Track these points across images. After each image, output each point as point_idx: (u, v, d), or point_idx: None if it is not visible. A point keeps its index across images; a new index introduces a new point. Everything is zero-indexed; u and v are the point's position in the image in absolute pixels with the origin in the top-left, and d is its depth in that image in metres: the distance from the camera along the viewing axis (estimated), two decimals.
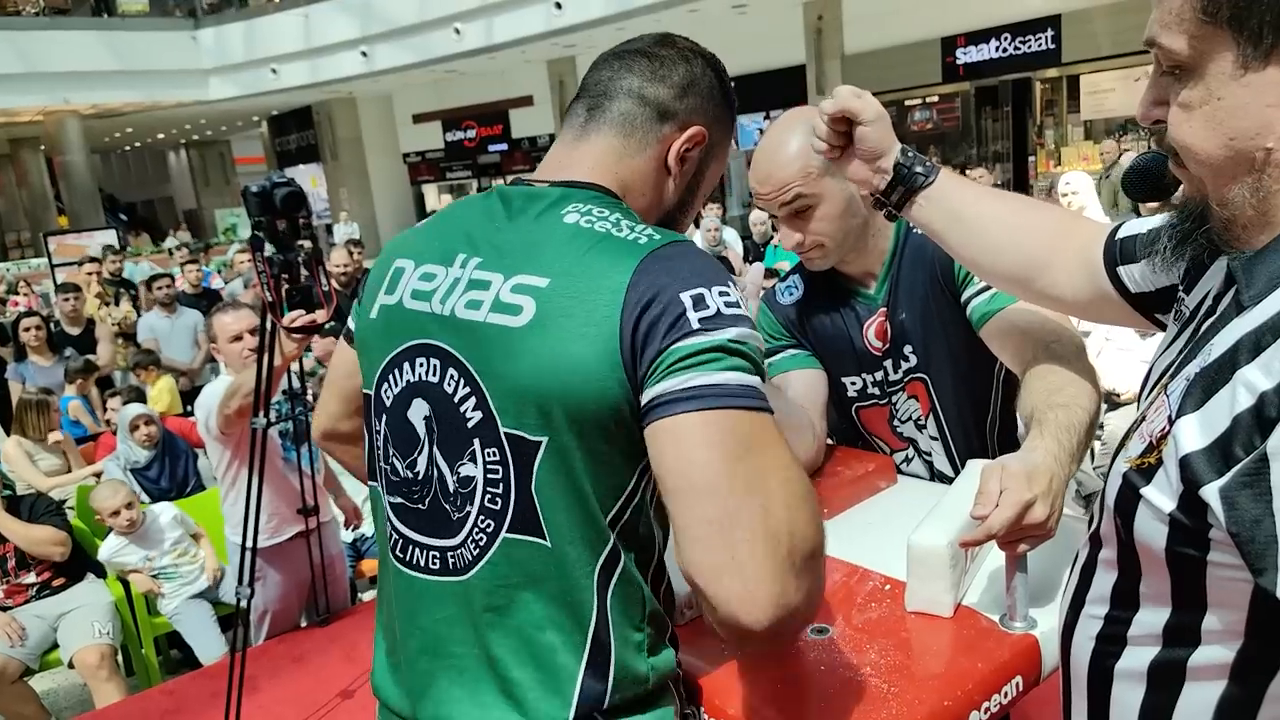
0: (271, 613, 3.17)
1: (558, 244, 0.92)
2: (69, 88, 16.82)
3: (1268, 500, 0.64)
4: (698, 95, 1.04)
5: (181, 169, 31.37)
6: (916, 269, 1.57)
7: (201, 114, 21.50)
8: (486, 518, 0.94)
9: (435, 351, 0.97)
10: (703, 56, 1.07)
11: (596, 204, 0.96)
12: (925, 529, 1.15)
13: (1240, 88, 0.70)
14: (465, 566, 0.96)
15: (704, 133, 1.05)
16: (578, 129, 1.04)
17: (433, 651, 1.00)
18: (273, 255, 2.60)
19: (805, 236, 1.52)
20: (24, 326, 5.83)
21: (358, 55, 16.62)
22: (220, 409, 2.88)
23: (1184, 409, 0.71)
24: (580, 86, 1.07)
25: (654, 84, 1.02)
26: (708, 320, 0.85)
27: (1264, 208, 0.72)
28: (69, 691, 3.73)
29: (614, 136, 1.02)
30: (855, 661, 1.06)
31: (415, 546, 1.01)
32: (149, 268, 11.38)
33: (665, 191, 1.06)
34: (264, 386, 2.61)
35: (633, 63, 1.04)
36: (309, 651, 3.10)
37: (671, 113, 1.03)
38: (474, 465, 0.94)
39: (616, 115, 1.02)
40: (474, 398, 0.93)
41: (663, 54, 1.04)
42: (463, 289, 0.95)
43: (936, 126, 14.64)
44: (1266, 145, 0.70)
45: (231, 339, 3.09)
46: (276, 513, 3.06)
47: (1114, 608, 0.81)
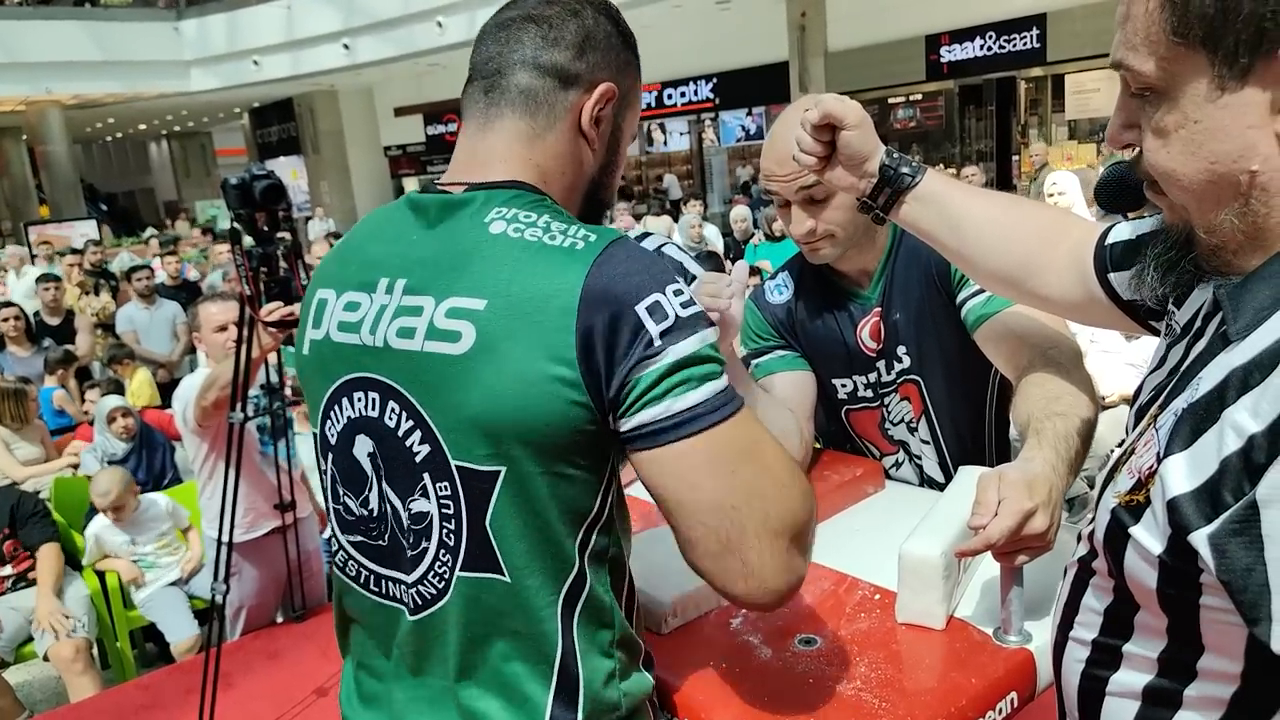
0: (247, 608, 3.13)
1: (488, 259, 0.86)
2: (51, 78, 16.67)
3: (1259, 549, 0.62)
4: (597, 49, 0.97)
5: (163, 160, 31.08)
6: (911, 268, 1.54)
7: (183, 105, 21.31)
8: (445, 553, 0.90)
9: (372, 385, 0.91)
10: (591, 4, 0.99)
11: (520, 206, 0.90)
12: (917, 538, 1.12)
13: (1218, 110, 0.67)
14: (431, 599, 0.92)
15: (613, 87, 0.98)
16: (480, 116, 0.96)
17: (403, 682, 0.97)
18: (251, 248, 2.56)
19: (818, 224, 1.48)
20: (2, 317, 5.79)
21: (339, 48, 16.48)
22: (197, 401, 2.84)
23: (1172, 447, 0.69)
24: (470, 66, 0.99)
25: (548, 49, 0.95)
26: (668, 332, 0.82)
27: (1253, 231, 0.69)
28: (43, 684, 3.69)
29: (519, 118, 0.95)
30: (845, 675, 1.04)
31: (384, 580, 0.97)
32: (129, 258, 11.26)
33: (586, 161, 0.99)
34: (243, 379, 2.56)
35: (521, 31, 0.95)
36: (285, 647, 3.06)
37: (575, 75, 0.95)
38: (427, 500, 0.89)
39: (516, 93, 0.95)
40: (419, 431, 0.88)
41: (549, 13, 0.96)
42: (391, 316, 0.90)
43: (920, 125, 14.68)
44: (1250, 168, 0.67)
45: (216, 329, 3.06)
46: (253, 507, 3.01)
47: (1107, 631, 0.79)
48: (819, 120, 1.16)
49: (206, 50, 18.10)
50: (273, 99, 21.11)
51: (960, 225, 1.16)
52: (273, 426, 2.96)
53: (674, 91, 16.77)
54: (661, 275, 0.84)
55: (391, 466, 0.91)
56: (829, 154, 1.19)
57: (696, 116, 17.01)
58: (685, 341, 0.82)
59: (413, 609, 0.94)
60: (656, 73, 16.69)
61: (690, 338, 0.83)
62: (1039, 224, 1.15)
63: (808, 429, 1.56)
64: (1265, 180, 0.67)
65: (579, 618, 0.90)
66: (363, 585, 0.99)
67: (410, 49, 15.65)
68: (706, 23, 14.93)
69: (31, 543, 3.47)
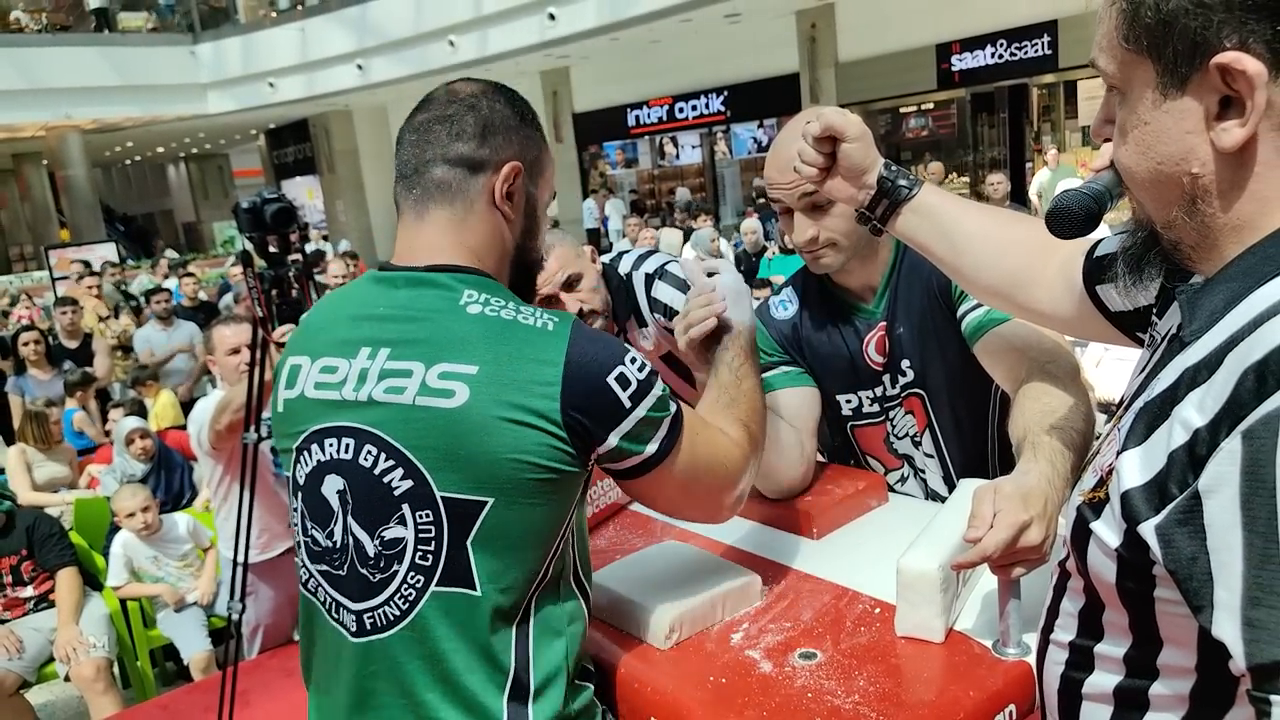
0: (264, 627, 3.16)
1: (474, 335, 1.02)
2: (71, 103, 16.91)
3: (1202, 538, 0.63)
4: (495, 133, 1.11)
5: (181, 182, 31.42)
6: (914, 283, 1.54)
7: (200, 128, 21.55)
8: (416, 574, 1.02)
9: (346, 432, 1.05)
10: (486, 94, 1.13)
11: (484, 290, 1.06)
12: (915, 552, 1.12)
13: (1162, 114, 0.70)
14: (391, 623, 1.04)
15: (516, 165, 1.12)
16: (411, 211, 1.12)
17: (363, 705, 1.07)
18: (263, 270, 2.59)
19: (820, 232, 1.49)
20: (23, 341, 5.96)
21: (353, 68, 16.65)
22: (211, 424, 2.87)
23: (1128, 444, 0.71)
24: (395, 167, 1.14)
25: (453, 143, 1.10)
26: (634, 395, 1.03)
27: (1204, 233, 0.72)
28: (65, 704, 3.72)
29: (443, 208, 1.10)
30: (844, 688, 1.04)
31: (342, 608, 1.08)
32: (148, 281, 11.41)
33: (507, 234, 1.14)
34: (255, 401, 2.59)
35: (429, 132, 1.11)
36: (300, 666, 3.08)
37: (479, 162, 1.10)
38: (403, 528, 1.02)
39: (434, 187, 1.10)
40: (401, 468, 1.02)
41: (450, 112, 1.10)
42: (377, 378, 1.04)
43: (932, 134, 14.67)
44: (1191, 170, 0.70)
45: (229, 352, 3.07)
46: (267, 529, 3.04)
47: (1080, 634, 0.81)
48: (820, 133, 1.19)
49: (223, 73, 18.33)
50: (288, 120, 21.34)
51: (954, 238, 1.18)
52: None
53: (685, 105, 16.83)
54: (619, 349, 1.05)
55: (362, 502, 1.05)
56: (829, 165, 1.22)
57: (708, 129, 17.05)
58: (645, 400, 1.04)
59: (371, 632, 1.05)
60: (668, 86, 16.76)
61: (648, 396, 1.05)
62: (1032, 238, 1.16)
63: (810, 445, 1.57)
64: (1206, 183, 0.70)
65: (534, 628, 1.04)
66: (326, 610, 1.11)
67: (423, 68, 15.78)
68: (717, 36, 14.99)
69: (49, 564, 3.51)
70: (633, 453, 1.05)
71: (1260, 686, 0.60)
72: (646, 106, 17.34)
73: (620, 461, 1.06)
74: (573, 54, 15.50)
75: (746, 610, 1.24)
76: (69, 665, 3.27)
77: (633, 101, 17.37)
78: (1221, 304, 0.69)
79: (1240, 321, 0.65)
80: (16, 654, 3.26)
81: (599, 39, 14.02)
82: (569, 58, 16.03)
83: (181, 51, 18.42)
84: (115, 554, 3.56)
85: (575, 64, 16.83)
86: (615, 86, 17.14)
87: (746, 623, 1.21)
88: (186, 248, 21.49)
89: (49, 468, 4.75)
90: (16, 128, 17.55)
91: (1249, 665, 0.61)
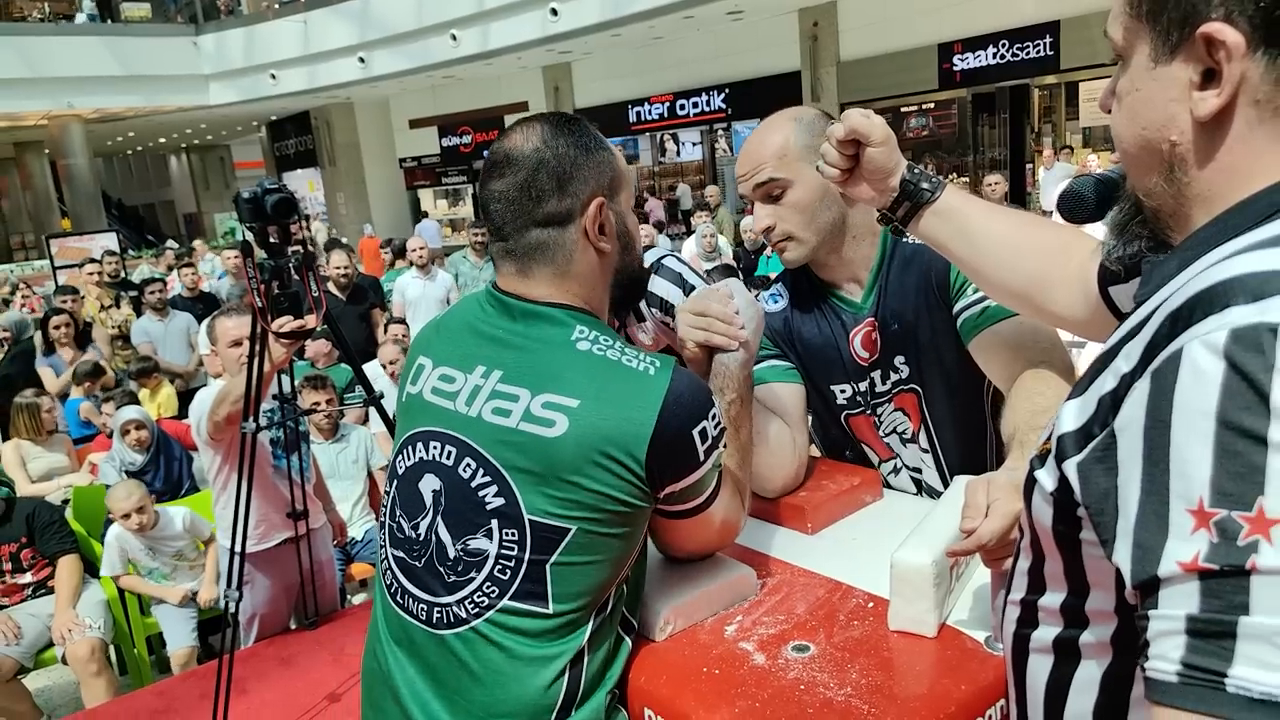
0: (260, 616, 3.17)
1: (579, 371, 1.08)
2: (72, 92, 16.91)
3: (1114, 474, 0.65)
4: (570, 179, 1.14)
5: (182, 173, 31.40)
6: (907, 277, 1.54)
7: (202, 119, 21.55)
8: (493, 585, 1.08)
9: (451, 440, 1.12)
10: (547, 142, 1.14)
11: (594, 329, 1.13)
12: (909, 547, 1.13)
13: (1152, 80, 0.72)
14: (457, 623, 1.10)
15: (601, 199, 1.15)
16: (513, 268, 1.17)
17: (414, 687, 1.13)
18: (263, 261, 2.59)
19: (775, 222, 1.53)
20: (53, 324, 6.27)
21: (355, 61, 16.65)
22: (210, 415, 2.88)
23: (1071, 395, 0.74)
24: (489, 229, 1.19)
25: (537, 206, 1.13)
26: (708, 449, 1.11)
27: (1179, 201, 0.74)
28: (62, 690, 3.74)
29: (546, 266, 1.15)
30: (835, 681, 1.05)
31: (409, 595, 1.15)
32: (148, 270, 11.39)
33: (608, 264, 1.19)
34: (254, 391, 2.60)
35: (510, 202, 1.14)
36: (297, 654, 3.09)
37: (567, 213, 1.14)
38: (489, 541, 1.08)
39: (534, 251, 1.14)
40: (496, 485, 1.08)
41: (523, 177, 1.13)
42: (486, 397, 1.11)
43: (933, 134, 14.66)
44: (1170, 138, 0.72)
45: (231, 344, 3.08)
46: (265, 518, 3.05)
47: (1029, 590, 0.83)
48: (845, 135, 1.21)
49: (225, 65, 18.32)
50: (290, 112, 21.33)
51: (975, 240, 1.20)
52: (285, 439, 3.00)
53: (686, 102, 16.82)
54: (706, 403, 1.11)
55: (454, 507, 1.11)
56: (853, 168, 1.24)
57: (709, 127, 17.05)
58: (714, 454, 1.13)
59: (434, 624, 1.11)
60: (669, 84, 16.75)
61: (716, 451, 1.13)
62: (1051, 241, 1.18)
63: (801, 439, 1.58)
64: (1183, 152, 0.72)
65: (589, 652, 1.09)
66: (392, 595, 1.18)
67: (425, 61, 15.79)
68: (718, 33, 14.99)
69: (48, 552, 3.52)
70: (693, 497, 1.14)
71: (1143, 604, 0.62)
72: (648, 103, 17.33)
73: (680, 504, 1.14)
74: (575, 49, 15.50)
75: (741, 603, 1.25)
76: (64, 646, 3.28)
77: (634, 98, 17.36)
78: (1174, 269, 0.72)
79: (1183, 282, 0.67)
80: (15, 639, 3.29)
81: (601, 34, 14.02)
82: (571, 53, 16.03)
83: (184, 42, 18.42)
84: (109, 544, 3.57)
85: (577, 59, 16.83)
86: (617, 82, 17.13)
87: (741, 615, 1.22)
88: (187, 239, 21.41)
89: (46, 459, 4.75)
90: (18, 116, 17.56)
91: (1134, 584, 0.62)
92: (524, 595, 1.07)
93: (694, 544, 1.26)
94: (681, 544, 1.25)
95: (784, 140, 1.49)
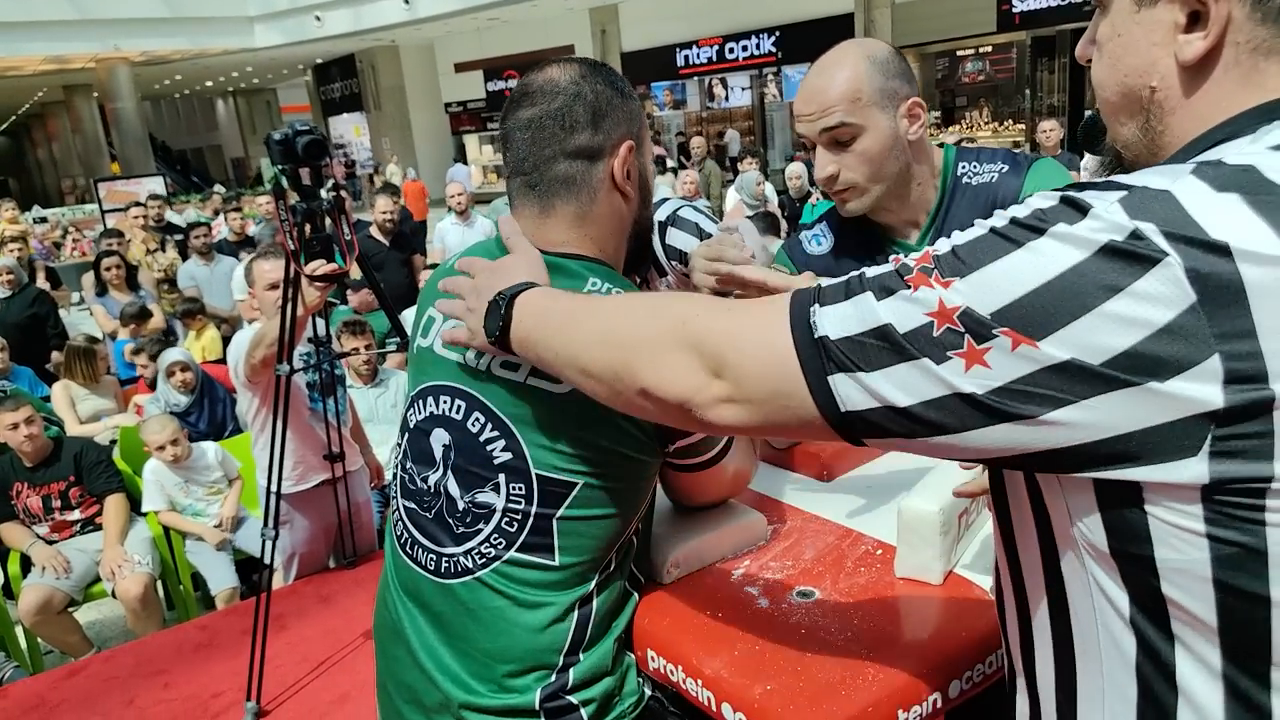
0: (299, 555, 3.26)
1: None
2: (119, 35, 17.05)
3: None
4: (605, 116, 1.11)
5: (229, 117, 31.67)
6: (967, 214, 1.46)
7: (247, 61, 21.64)
8: (500, 537, 1.09)
9: (460, 394, 1.12)
10: (585, 77, 1.12)
11: (608, 280, 1.10)
12: (917, 495, 1.12)
13: (1135, 24, 0.71)
14: (463, 572, 1.11)
15: (630, 143, 1.13)
16: (533, 207, 1.13)
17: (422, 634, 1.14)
18: (296, 204, 2.61)
19: (840, 170, 1.43)
20: (105, 266, 6.30)
21: (400, 3, 16.54)
22: (246, 358, 2.92)
23: None
24: (506, 162, 1.15)
25: (570, 136, 1.10)
26: None
27: (1154, 148, 0.73)
28: (112, 623, 3.88)
29: (569, 203, 1.12)
30: (837, 626, 1.05)
31: (418, 546, 1.15)
32: (195, 214, 11.54)
33: (626, 211, 1.16)
34: (289, 334, 2.64)
35: (541, 129, 1.10)
36: (335, 592, 3.18)
37: (597, 149, 1.11)
38: (496, 495, 1.09)
39: (559, 184, 1.11)
40: (503, 440, 1.08)
41: (558, 105, 1.10)
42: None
43: (990, 78, 14.25)
44: (1151, 84, 0.71)
45: (268, 286, 3.09)
46: (302, 460, 3.11)
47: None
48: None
49: (270, 6, 18.32)
50: (335, 55, 21.34)
51: None
52: (320, 382, 3.04)
53: (735, 46, 16.50)
54: None
55: (463, 461, 1.11)
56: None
57: (758, 71, 16.72)
58: None
59: (441, 574, 1.12)
60: (717, 26, 16.44)
61: None
62: None
63: None
64: (1161, 98, 0.71)
65: (598, 603, 1.10)
66: (401, 545, 1.18)
67: (471, 3, 15.63)
68: None
69: (96, 490, 3.63)
70: (706, 450, 1.13)
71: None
72: (696, 46, 17.03)
73: (691, 458, 1.14)
74: None
75: (750, 549, 1.25)
76: (114, 582, 3.40)
77: (682, 41, 17.07)
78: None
79: None
80: (65, 573, 3.40)
81: None
82: None
83: None
84: (147, 479, 3.67)
85: (624, 1, 16.54)
86: (665, 25, 16.85)
87: (748, 560, 1.22)
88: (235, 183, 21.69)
89: (92, 401, 4.86)
90: (67, 59, 17.77)
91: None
92: (530, 548, 1.07)
93: (706, 495, 1.25)
94: (693, 494, 1.25)
95: (857, 80, 1.38)
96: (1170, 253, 0.56)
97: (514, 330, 0.98)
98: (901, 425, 0.66)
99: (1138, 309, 0.57)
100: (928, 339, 0.63)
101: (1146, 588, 0.64)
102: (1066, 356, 0.59)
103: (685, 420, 0.79)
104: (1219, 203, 0.58)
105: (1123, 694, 0.68)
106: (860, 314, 0.66)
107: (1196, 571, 0.61)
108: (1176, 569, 0.62)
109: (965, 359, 0.62)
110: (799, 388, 0.69)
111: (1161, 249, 0.57)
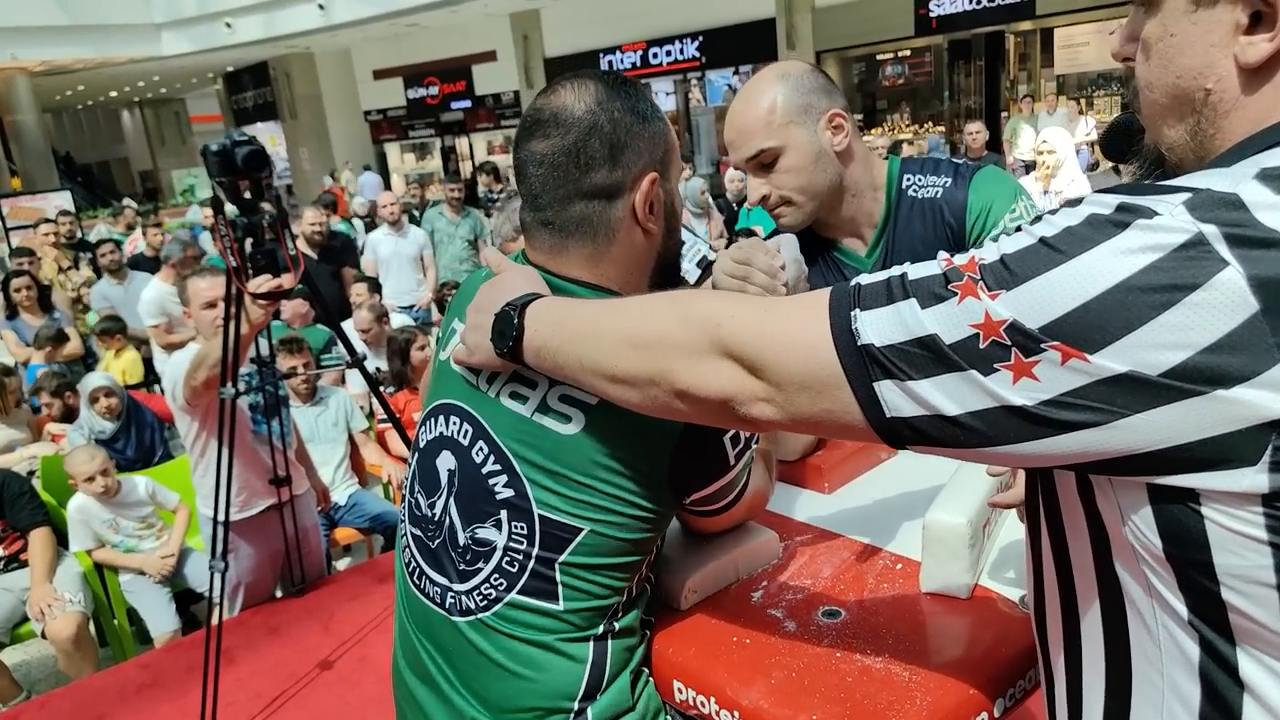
0: (245, 585, 3.11)
1: None
2: (16, 43, 16.30)
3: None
4: (624, 148, 1.01)
5: (136, 128, 30.54)
6: (915, 226, 1.50)
7: (154, 70, 20.88)
8: (500, 578, 1.02)
9: (468, 418, 1.05)
10: (602, 104, 1.01)
11: None
12: (942, 507, 1.10)
13: (1190, 24, 0.69)
14: (466, 611, 1.04)
15: (654, 175, 1.03)
16: (546, 244, 1.05)
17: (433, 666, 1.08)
18: (235, 218, 2.49)
19: (771, 191, 1.47)
20: (14, 287, 5.91)
21: (314, 8, 16.14)
22: (187, 380, 2.77)
23: None
24: (520, 193, 1.07)
25: (585, 176, 1.01)
26: (739, 452, 1.04)
27: (1201, 152, 0.72)
28: (41, 663, 3.67)
29: (584, 245, 1.04)
30: (872, 647, 1.01)
31: (425, 577, 1.09)
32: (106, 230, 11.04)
33: (647, 246, 1.07)
34: (232, 355, 2.51)
35: (555, 164, 1.01)
36: (285, 623, 3.05)
37: (617, 186, 1.02)
38: (498, 533, 1.02)
39: (574, 226, 1.03)
40: (505, 475, 1.01)
41: (572, 140, 1.00)
42: (506, 379, 1.03)
43: (909, 82, 14.54)
44: (1206, 85, 0.69)
45: (205, 305, 2.92)
46: (246, 485, 2.97)
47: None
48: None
49: (177, 13, 17.71)
50: (247, 63, 20.72)
51: None
52: (265, 404, 2.91)
53: (659, 50, 16.53)
54: None
55: (465, 490, 1.04)
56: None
57: (683, 76, 16.78)
58: (746, 454, 1.05)
59: (447, 609, 1.06)
60: (641, 31, 16.45)
61: (749, 450, 1.06)
62: None
63: None
64: (1216, 100, 0.69)
65: (613, 643, 1.04)
66: (410, 574, 1.12)
67: (387, 9, 15.35)
68: None
69: (20, 524, 3.41)
70: (723, 498, 1.08)
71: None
72: (619, 51, 17.02)
73: (707, 505, 1.08)
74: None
75: (765, 567, 1.21)
76: (43, 622, 3.20)
77: (605, 46, 17.04)
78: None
79: None
80: None
81: None
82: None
83: None
84: (72, 518, 3.41)
85: (546, 6, 16.46)
86: (588, 30, 16.78)
87: (766, 580, 1.18)
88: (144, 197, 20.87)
89: (4, 433, 4.59)
90: None
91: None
92: (532, 592, 1.01)
93: (721, 527, 1.19)
94: (709, 529, 1.19)
95: (771, 104, 1.44)
96: (1232, 261, 0.55)
97: (528, 340, 0.93)
98: (949, 434, 0.65)
99: (1197, 319, 0.56)
100: (974, 351, 0.62)
101: (1205, 592, 0.63)
102: (1123, 369, 0.58)
103: (726, 418, 0.78)
104: None
105: (1181, 693, 0.67)
106: (904, 321, 0.66)
107: (1259, 578, 0.60)
108: (1237, 574, 0.61)
109: (1013, 371, 0.61)
110: (844, 393, 0.69)
111: (1223, 257, 0.56)
